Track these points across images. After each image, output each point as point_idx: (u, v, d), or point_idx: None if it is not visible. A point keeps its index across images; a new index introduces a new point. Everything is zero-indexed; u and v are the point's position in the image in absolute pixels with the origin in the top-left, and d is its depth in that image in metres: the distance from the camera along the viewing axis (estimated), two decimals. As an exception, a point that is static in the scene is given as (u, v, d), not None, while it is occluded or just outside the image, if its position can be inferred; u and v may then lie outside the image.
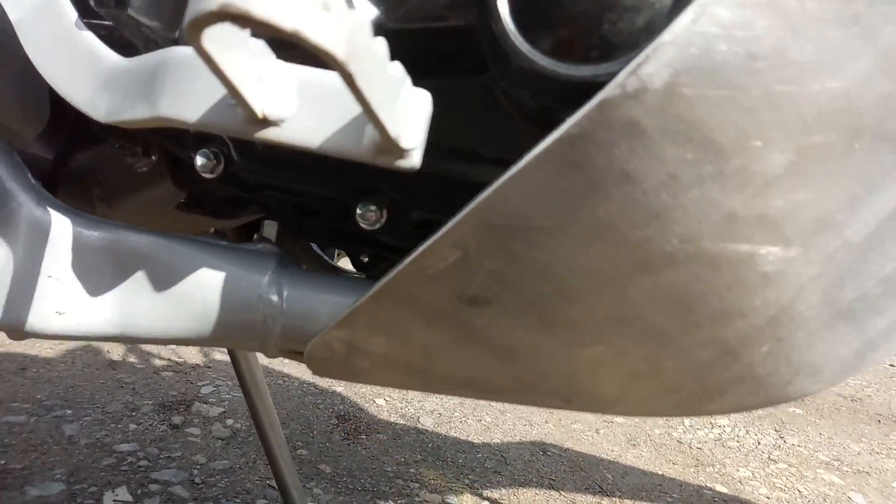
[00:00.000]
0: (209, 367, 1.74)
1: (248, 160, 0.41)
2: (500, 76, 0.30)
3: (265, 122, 0.25)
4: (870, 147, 0.28)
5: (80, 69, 0.32)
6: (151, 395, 1.53)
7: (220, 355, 1.82)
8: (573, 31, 0.27)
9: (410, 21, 0.30)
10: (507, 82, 0.30)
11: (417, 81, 0.29)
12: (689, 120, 0.26)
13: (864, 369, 0.36)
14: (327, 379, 1.76)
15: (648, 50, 0.25)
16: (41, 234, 0.38)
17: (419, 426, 1.58)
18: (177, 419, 1.43)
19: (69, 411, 1.40)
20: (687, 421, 1.84)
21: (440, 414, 1.67)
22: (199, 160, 0.41)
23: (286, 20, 0.18)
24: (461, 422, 1.64)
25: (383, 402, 1.68)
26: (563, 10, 0.27)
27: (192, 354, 1.78)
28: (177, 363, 1.74)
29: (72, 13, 0.33)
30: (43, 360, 1.63)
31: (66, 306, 0.38)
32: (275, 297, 0.39)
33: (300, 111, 0.25)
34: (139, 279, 0.39)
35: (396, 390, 1.76)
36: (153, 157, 0.55)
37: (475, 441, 1.55)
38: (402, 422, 1.59)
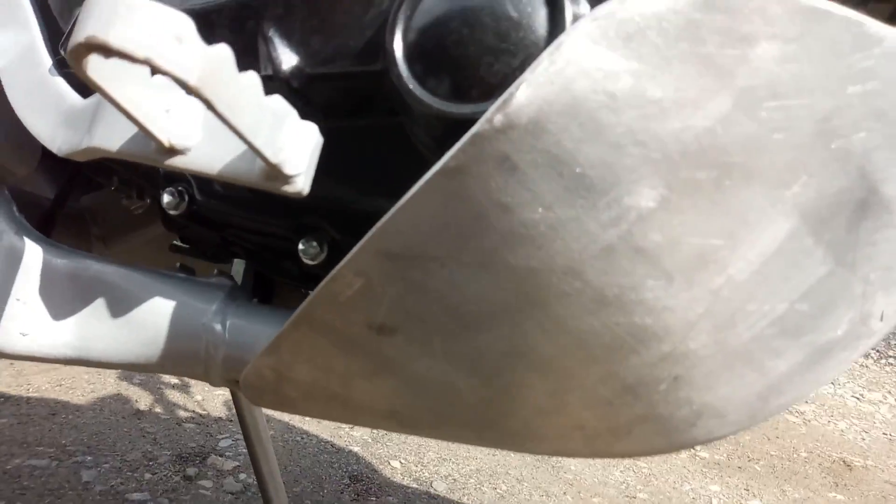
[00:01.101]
0: (231, 420, 1.77)
1: (207, 198, 0.44)
2: (404, 116, 0.32)
3: (172, 151, 0.28)
4: (741, 185, 0.29)
5: (48, 109, 0.37)
6: (171, 446, 1.55)
7: (243, 410, 1.84)
8: (456, 73, 0.30)
9: (328, 66, 0.33)
10: (409, 122, 0.32)
11: (340, 122, 0.32)
12: (557, 155, 0.28)
13: (772, 415, 0.35)
14: (345, 438, 1.76)
15: (513, 88, 0.27)
16: (15, 261, 0.42)
17: (431, 491, 1.56)
18: (191, 471, 1.45)
19: (90, 458, 1.43)
20: None
21: (455, 480, 1.64)
22: (166, 198, 0.45)
23: (139, 50, 0.21)
24: (476, 489, 1.61)
25: (398, 465, 1.67)
26: (447, 54, 0.30)
27: (215, 407, 1.81)
28: (200, 415, 1.76)
29: (47, 61, 0.38)
30: (73, 406, 1.68)
31: (30, 328, 0.42)
32: (218, 327, 0.41)
33: (204, 140, 0.28)
34: (98, 305, 0.42)
35: (412, 453, 1.74)
36: (147, 200, 0.59)
37: (488, 509, 1.51)
38: (414, 485, 1.57)
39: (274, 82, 0.33)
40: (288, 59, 0.33)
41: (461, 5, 0.29)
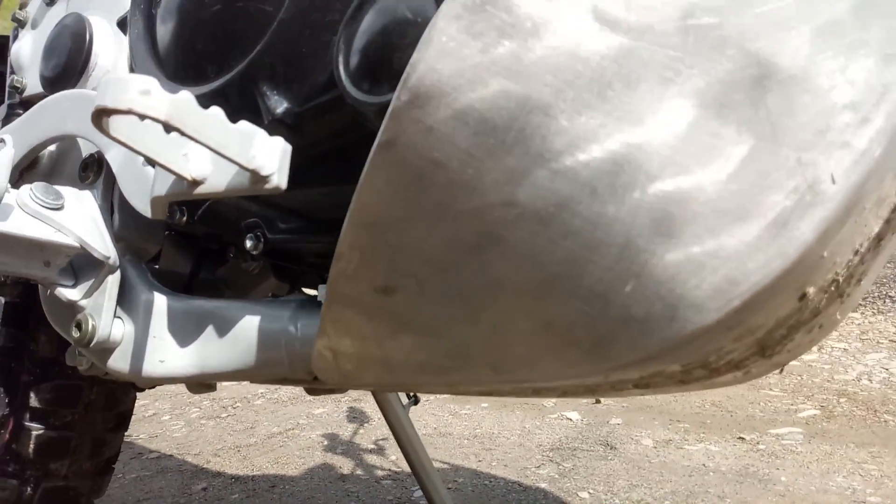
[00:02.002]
0: (423, 474, 1.88)
1: (274, 233, 0.56)
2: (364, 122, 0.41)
3: (195, 184, 0.39)
4: (625, 91, 0.34)
5: (143, 190, 0.50)
6: (371, 501, 1.69)
7: (436, 465, 1.95)
8: (380, 72, 0.38)
9: (307, 103, 0.42)
10: (367, 124, 0.41)
11: (334, 145, 0.41)
12: (457, 109, 0.35)
13: (747, 297, 0.37)
14: (531, 477, 1.79)
15: (408, 68, 0.35)
16: (150, 310, 0.56)
17: (623, 516, 1.52)
18: (391, 520, 1.56)
19: (304, 519, 1.60)
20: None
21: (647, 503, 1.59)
22: (248, 243, 0.57)
23: (122, 105, 0.31)
24: (672, 510, 1.54)
25: (586, 496, 1.65)
26: (372, 61, 0.38)
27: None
28: (395, 472, 1.90)
29: (139, 158, 0.52)
30: (289, 477, 1.90)
31: (165, 356, 0.55)
32: (291, 328, 0.51)
33: (213, 172, 0.38)
34: (208, 332, 0.54)
35: (602, 484, 1.71)
36: (260, 262, 0.72)
37: (686, 528, 1.45)
38: (605, 513, 1.55)
39: (275, 125, 0.43)
40: (278, 105, 0.43)
41: (375, 24, 0.38)
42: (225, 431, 2.29)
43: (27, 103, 0.69)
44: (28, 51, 0.70)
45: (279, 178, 0.38)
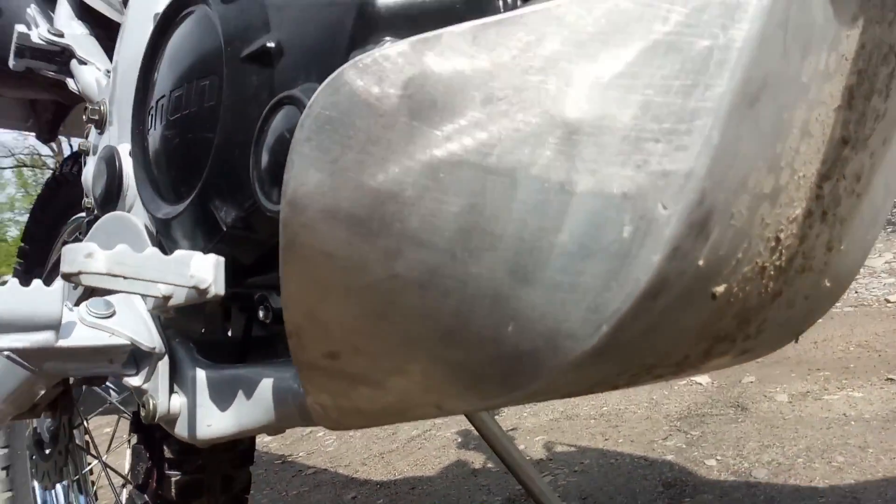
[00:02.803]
0: (550, 459, 1.94)
1: (277, 304, 0.65)
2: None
3: (167, 299, 0.49)
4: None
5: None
6: (501, 492, 1.78)
7: (562, 448, 2.00)
8: (275, 182, 0.45)
9: (248, 213, 0.51)
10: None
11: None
12: (330, 210, 0.42)
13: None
14: (658, 450, 1.79)
15: (284, 185, 0.42)
16: (194, 383, 0.68)
17: (751, 480, 1.49)
18: (519, 509, 1.64)
19: (440, 515, 1.73)
20: None
21: (779, 464, 1.54)
22: (261, 314, 0.67)
23: (74, 268, 0.42)
24: (805, 467, 1.49)
25: (714, 462, 1.63)
26: (269, 174, 0.46)
27: (536, 451, 2.00)
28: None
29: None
30: (427, 478, 2.03)
31: (211, 420, 0.66)
32: (295, 386, 0.61)
33: (175, 288, 0.48)
34: (240, 396, 0.65)
35: (731, 448, 1.68)
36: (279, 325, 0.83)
37: (820, 486, 1.39)
38: (731, 479, 1.52)
39: (230, 234, 0.53)
40: (228, 216, 0.52)
41: (269, 143, 0.46)
42: (370, 440, 2.48)
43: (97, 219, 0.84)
44: (91, 176, 0.85)
45: (216, 287, 0.47)
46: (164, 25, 0.60)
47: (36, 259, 1.58)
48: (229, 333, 0.72)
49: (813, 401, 1.84)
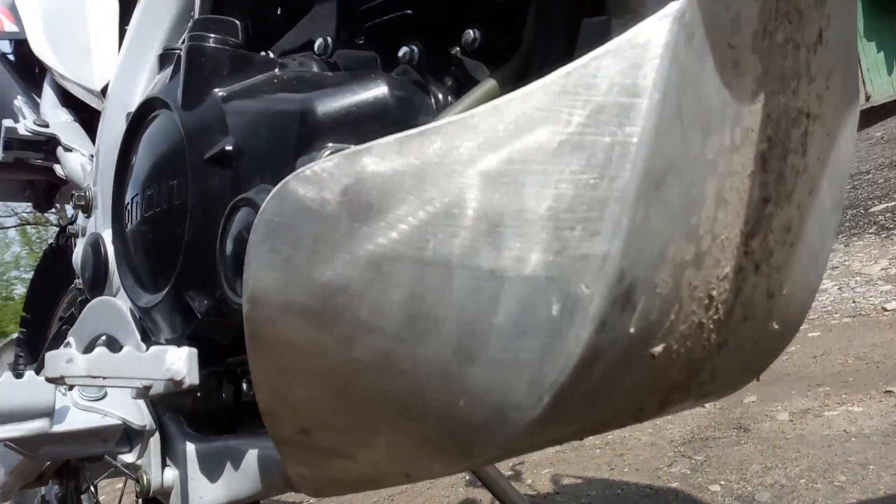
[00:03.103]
0: (558, 493, 1.95)
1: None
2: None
3: (147, 388, 0.52)
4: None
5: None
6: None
7: (569, 481, 2.01)
8: (238, 277, 0.50)
9: (219, 303, 0.56)
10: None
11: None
12: (286, 303, 0.46)
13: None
14: (664, 478, 1.80)
15: (243, 283, 0.46)
16: (185, 456, 0.71)
17: (756, 503, 1.50)
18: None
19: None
20: None
21: (782, 486, 1.55)
22: (245, 386, 0.71)
23: (56, 373, 0.46)
24: (807, 488, 1.50)
25: (718, 488, 1.65)
26: (234, 270, 0.50)
27: (543, 485, 2.01)
28: (531, 495, 1.98)
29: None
30: None
31: (203, 493, 0.69)
32: (278, 456, 0.64)
33: (153, 383, 0.52)
34: (228, 467, 0.68)
35: (734, 472, 1.69)
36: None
37: (821, 507, 1.41)
38: (735, 503, 1.54)
39: (204, 322, 0.57)
40: (201, 306, 0.56)
41: (230, 242, 0.50)
42: (380, 483, 2.48)
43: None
44: (79, 259, 0.90)
45: (190, 378, 0.50)
46: (134, 126, 0.65)
47: (38, 328, 1.62)
48: (218, 404, 0.76)
49: (814, 418, 1.85)
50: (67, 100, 1.06)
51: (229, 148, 0.53)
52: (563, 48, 0.47)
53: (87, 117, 1.07)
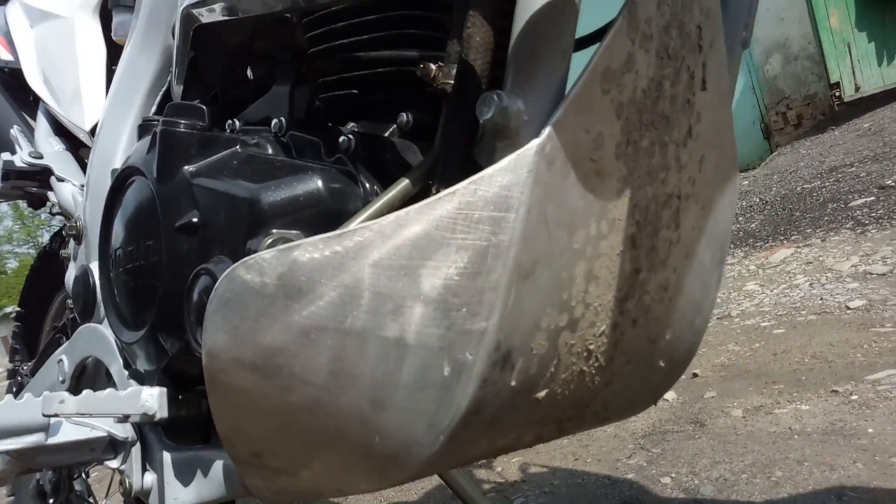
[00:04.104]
0: (524, 481, 2.09)
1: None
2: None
3: (127, 416, 0.65)
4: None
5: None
6: (476, 517, 1.93)
7: (535, 469, 2.15)
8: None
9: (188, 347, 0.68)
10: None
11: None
12: (236, 359, 0.58)
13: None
14: (621, 469, 1.94)
15: (202, 340, 0.58)
16: (161, 463, 0.84)
17: (698, 496, 1.65)
18: (490, 533, 1.79)
19: (420, 541, 1.88)
20: None
21: (725, 479, 1.69)
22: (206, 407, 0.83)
23: (51, 411, 0.58)
24: (747, 483, 1.64)
25: (668, 480, 1.79)
26: (197, 325, 0.62)
27: (512, 473, 2.16)
28: (499, 482, 2.13)
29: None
30: (411, 502, 2.19)
31: (177, 495, 0.82)
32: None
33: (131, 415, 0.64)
34: (198, 474, 0.81)
35: (685, 465, 1.83)
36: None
37: (757, 500, 1.55)
38: (681, 496, 1.68)
39: (174, 363, 0.69)
40: (173, 348, 0.68)
41: (193, 302, 0.62)
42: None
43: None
44: (71, 284, 1.02)
45: (160, 413, 0.62)
46: (118, 186, 0.76)
47: (32, 323, 1.75)
48: (191, 419, 0.88)
49: (765, 415, 1.99)
50: (60, 129, 1.17)
51: (195, 220, 0.65)
52: (464, 153, 0.58)
53: (79, 144, 1.18)
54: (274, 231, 0.59)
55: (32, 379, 1.21)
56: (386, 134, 0.68)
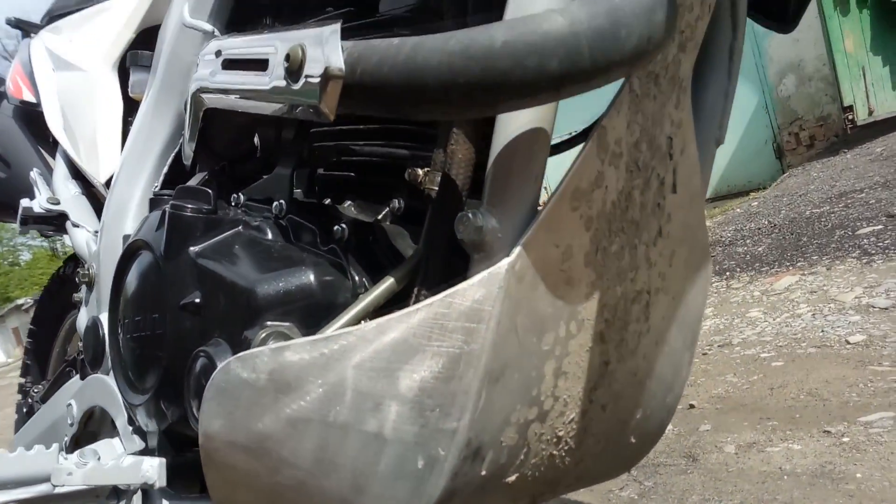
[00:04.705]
0: None
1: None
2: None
3: (129, 486, 0.70)
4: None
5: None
6: None
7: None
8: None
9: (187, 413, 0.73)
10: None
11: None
12: (230, 441, 0.63)
13: None
14: (613, 501, 1.98)
15: (199, 419, 0.64)
16: (164, 512, 0.89)
17: (685, 536, 1.68)
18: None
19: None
20: None
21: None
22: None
23: (56, 481, 0.63)
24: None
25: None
26: (195, 398, 0.67)
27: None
28: None
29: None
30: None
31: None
32: None
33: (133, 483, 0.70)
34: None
35: (675, 501, 1.87)
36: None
37: (742, 543, 1.58)
38: (668, 534, 1.71)
39: (174, 426, 0.74)
40: (174, 415, 0.74)
41: (193, 379, 0.67)
42: None
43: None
44: (82, 328, 1.08)
45: (159, 482, 0.68)
46: (128, 255, 0.82)
47: (43, 341, 1.81)
48: (190, 470, 0.94)
49: (757, 452, 2.02)
50: (77, 172, 1.23)
51: (198, 301, 0.70)
52: (445, 256, 0.63)
53: (95, 190, 1.24)
54: (268, 324, 0.64)
55: (41, 409, 1.27)
56: (379, 217, 0.72)
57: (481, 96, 0.48)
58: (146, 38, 1.09)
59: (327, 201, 0.77)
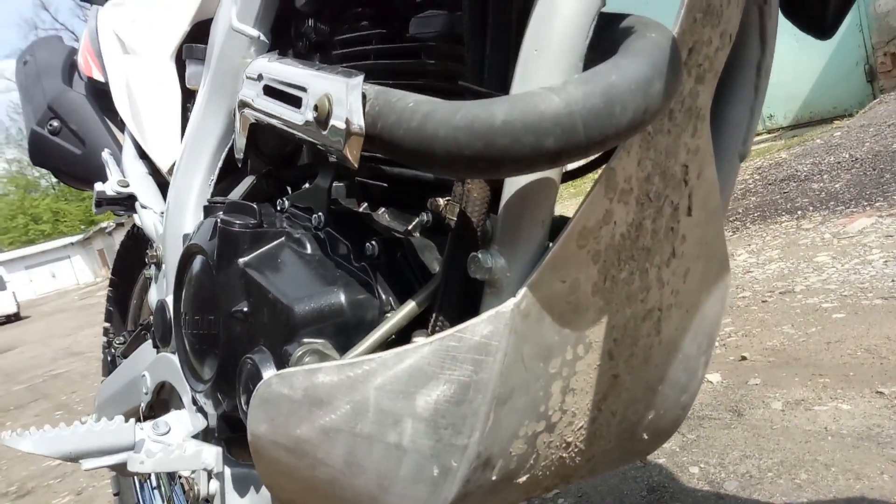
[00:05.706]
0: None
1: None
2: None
3: (192, 471, 0.81)
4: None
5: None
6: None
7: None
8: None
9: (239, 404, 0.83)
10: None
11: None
12: (273, 441, 0.72)
13: None
14: (655, 452, 2.05)
15: (247, 417, 0.73)
16: (222, 476, 1.01)
17: (721, 491, 1.75)
18: None
19: None
20: None
21: (751, 476, 1.78)
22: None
23: (132, 468, 0.74)
24: (771, 483, 1.73)
25: (696, 470, 1.89)
26: (245, 395, 0.77)
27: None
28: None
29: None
30: None
31: (234, 502, 1.00)
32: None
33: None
34: (252, 489, 0.99)
35: (716, 456, 1.93)
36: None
37: (776, 502, 1.64)
38: (705, 488, 1.78)
39: (224, 416, 0.84)
40: (229, 405, 0.83)
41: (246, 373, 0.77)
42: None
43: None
44: (153, 304, 1.19)
45: (217, 468, 0.78)
46: (187, 256, 0.91)
47: (122, 291, 1.98)
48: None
49: (804, 410, 2.04)
50: (143, 152, 1.32)
51: (246, 310, 0.79)
52: (462, 284, 0.69)
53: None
54: (305, 340, 0.72)
55: (121, 366, 1.42)
56: (410, 227, 0.77)
57: (484, 166, 0.52)
58: (200, 31, 1.15)
59: (362, 208, 0.83)
